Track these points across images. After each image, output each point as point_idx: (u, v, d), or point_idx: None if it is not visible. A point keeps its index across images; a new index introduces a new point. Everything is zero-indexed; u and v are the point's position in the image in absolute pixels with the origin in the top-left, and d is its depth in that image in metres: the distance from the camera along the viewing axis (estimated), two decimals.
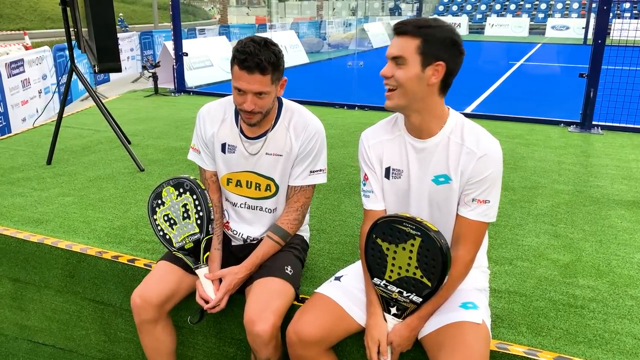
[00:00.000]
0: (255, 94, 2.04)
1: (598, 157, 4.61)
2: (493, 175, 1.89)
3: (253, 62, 1.97)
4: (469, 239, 1.95)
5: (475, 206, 1.92)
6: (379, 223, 1.95)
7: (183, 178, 2.23)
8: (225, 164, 2.32)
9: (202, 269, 2.20)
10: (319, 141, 2.27)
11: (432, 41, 1.79)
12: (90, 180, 3.94)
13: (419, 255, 1.88)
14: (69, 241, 2.93)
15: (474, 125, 1.95)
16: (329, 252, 2.84)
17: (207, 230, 2.18)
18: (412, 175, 2.00)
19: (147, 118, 6.08)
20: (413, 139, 1.98)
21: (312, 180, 2.30)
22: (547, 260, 2.75)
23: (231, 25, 19.86)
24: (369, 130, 2.13)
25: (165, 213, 2.26)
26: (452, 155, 1.92)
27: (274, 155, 2.26)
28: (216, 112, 2.32)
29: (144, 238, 2.99)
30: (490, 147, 1.89)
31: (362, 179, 2.14)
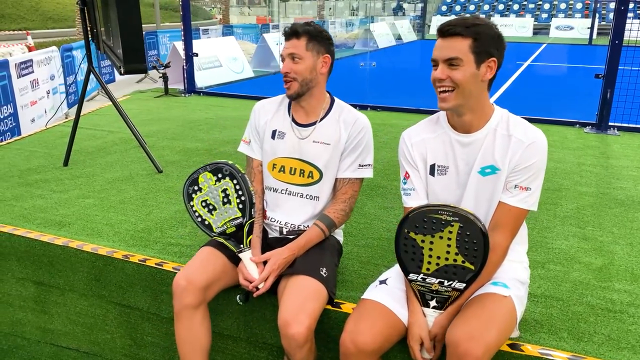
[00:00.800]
0: (289, 56, 2.26)
1: (617, 158, 4.58)
2: (538, 163, 1.92)
3: (290, 29, 2.27)
4: (508, 225, 1.95)
5: (517, 192, 1.93)
6: (410, 216, 1.91)
7: (221, 163, 2.23)
8: (273, 149, 2.40)
9: (245, 252, 2.21)
10: (367, 136, 2.36)
11: (483, 39, 1.81)
12: (109, 182, 3.91)
13: (458, 241, 1.85)
14: (95, 244, 2.90)
15: (518, 117, 1.98)
16: (358, 256, 2.81)
17: (250, 213, 2.21)
18: (460, 170, 2.01)
19: (159, 119, 6.05)
20: (459, 135, 1.99)
21: (360, 174, 2.37)
22: (580, 263, 2.72)
23: (234, 26, 19.81)
24: (410, 129, 2.15)
25: (204, 199, 2.26)
26: (499, 146, 1.94)
27: (322, 144, 2.34)
28: (270, 104, 2.47)
29: (170, 241, 2.95)
30: (538, 136, 1.93)
31: (402, 178, 2.14)
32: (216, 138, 5.21)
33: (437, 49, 1.85)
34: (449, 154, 2.01)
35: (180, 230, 3.10)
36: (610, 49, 5.29)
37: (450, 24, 1.82)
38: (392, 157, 4.55)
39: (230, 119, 6.08)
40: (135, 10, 2.79)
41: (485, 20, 1.88)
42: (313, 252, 2.29)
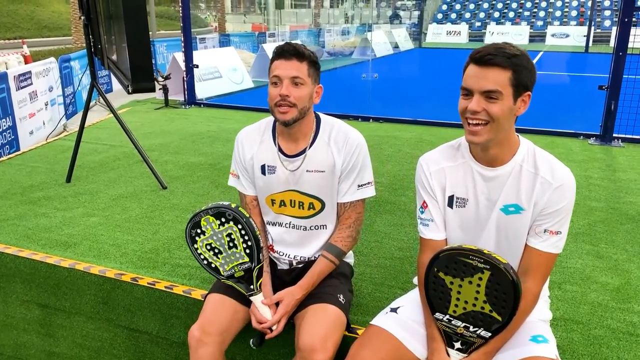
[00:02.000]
0: (291, 80, 2.06)
1: (624, 171, 4.56)
2: (568, 206, 1.84)
3: (291, 48, 2.07)
4: (539, 271, 1.88)
5: (547, 237, 1.86)
6: (441, 256, 1.85)
7: (224, 207, 2.08)
8: (267, 185, 2.27)
9: (256, 296, 2.12)
10: (362, 153, 2.22)
11: (522, 71, 1.72)
12: (113, 199, 3.85)
13: (487, 289, 1.79)
14: (102, 266, 2.84)
15: (545, 153, 1.89)
16: (371, 277, 2.76)
17: (259, 258, 2.10)
18: (480, 204, 1.93)
19: (161, 132, 6.00)
20: (482, 167, 1.90)
21: (361, 195, 2.25)
22: (596, 283, 2.68)
23: (231, 34, 19.80)
24: (428, 155, 2.05)
25: (208, 242, 2.14)
26: (524, 184, 1.85)
27: (315, 172, 2.21)
28: (253, 134, 2.30)
29: (179, 262, 2.90)
30: (566, 176, 1.83)
31: (419, 206, 2.07)
32: (220, 151, 5.16)
33: (472, 78, 1.73)
34: (470, 186, 1.93)
35: (188, 251, 3.02)
36: (614, 60, 5.28)
37: (490, 53, 1.71)
38: (398, 170, 4.52)
39: (233, 131, 6.01)
40: (144, 28, 2.75)
41: (521, 49, 1.77)
42: (328, 279, 2.23)
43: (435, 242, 2.02)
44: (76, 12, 19.22)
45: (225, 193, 3.99)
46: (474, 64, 1.76)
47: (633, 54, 5.38)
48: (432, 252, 1.98)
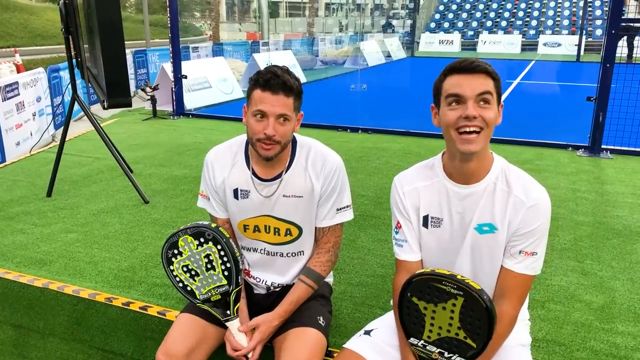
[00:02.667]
0: (277, 117, 1.94)
1: (612, 184, 4.53)
2: (542, 226, 1.78)
3: (279, 81, 1.92)
4: (515, 293, 1.83)
5: (522, 258, 1.81)
6: (414, 281, 1.80)
7: (204, 227, 2.02)
8: (240, 210, 2.17)
9: (233, 321, 2.04)
10: (340, 177, 2.15)
11: (499, 81, 1.74)
12: (93, 214, 3.78)
13: (461, 315, 1.74)
14: (76, 285, 2.77)
15: (519, 170, 1.85)
16: (351, 296, 2.70)
17: (237, 281, 2.02)
18: (455, 224, 1.88)
19: (147, 144, 5.94)
20: (456, 185, 1.85)
21: (340, 219, 2.18)
22: (581, 302, 2.64)
23: (224, 43, 19.76)
24: (402, 175, 2.00)
25: (184, 264, 2.07)
26: (498, 203, 1.80)
27: (293, 197, 2.12)
28: (225, 156, 2.19)
29: (155, 281, 2.83)
30: (540, 196, 1.78)
31: (393, 226, 2.02)
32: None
33: (462, 85, 1.69)
34: (444, 206, 1.88)
35: None
36: (602, 71, 5.26)
37: (473, 62, 1.71)
38: (385, 183, 4.47)
39: (220, 142, 5.95)
40: (119, 43, 2.70)
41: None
42: (307, 301, 2.17)
43: (409, 264, 1.97)
44: None
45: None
46: (458, 73, 1.73)
47: (621, 64, 5.36)
48: (407, 273, 1.93)
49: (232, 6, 51.92)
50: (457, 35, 23.05)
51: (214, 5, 29.87)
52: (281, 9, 45.05)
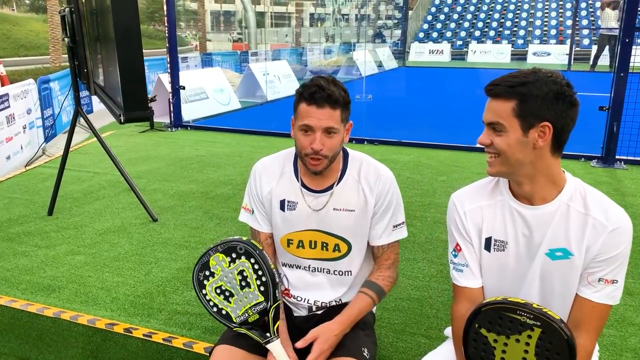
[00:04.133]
0: (324, 130, 1.85)
1: (633, 195, 4.41)
2: (624, 252, 1.62)
3: (324, 94, 1.83)
4: (592, 324, 1.67)
5: (602, 287, 1.64)
6: (483, 310, 1.63)
7: (234, 241, 1.87)
8: (285, 223, 2.04)
9: (274, 343, 1.85)
10: (395, 192, 2.04)
11: (530, 100, 1.53)
12: (100, 234, 3.57)
13: (538, 348, 1.57)
14: (91, 315, 2.56)
15: (597, 192, 1.69)
16: (389, 323, 2.52)
17: (275, 296, 1.85)
18: (521, 248, 1.72)
19: (147, 157, 5.72)
20: (522, 206, 1.69)
21: (396, 236, 2.06)
22: (634, 326, 2.49)
23: (213, 53, 19.58)
24: (461, 193, 1.84)
25: (218, 285, 1.89)
26: (573, 226, 1.64)
27: (344, 211, 1.99)
28: (272, 166, 2.08)
29: (176, 308, 2.63)
30: (623, 219, 1.62)
31: (451, 249, 1.85)
32: (211, 178, 4.90)
33: (485, 111, 1.62)
34: (509, 228, 1.72)
35: (185, 295, 2.77)
36: (616, 80, 5.18)
37: (495, 83, 1.58)
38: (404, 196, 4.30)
39: (224, 156, 5.78)
40: (138, 52, 2.52)
41: (543, 75, 1.56)
42: (352, 330, 1.99)
43: (470, 290, 1.80)
44: (55, 31, 18.84)
45: (221, 225, 3.74)
46: (485, 93, 1.63)
47: (634, 73, 5.27)
48: (468, 301, 1.78)
49: (217, 16, 51.84)
50: (446, 45, 23.10)
51: (200, 15, 29.68)
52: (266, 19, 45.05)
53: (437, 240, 3.48)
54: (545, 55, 20.43)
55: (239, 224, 3.71)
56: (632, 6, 5.02)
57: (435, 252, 3.31)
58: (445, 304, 2.69)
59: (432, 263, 3.16)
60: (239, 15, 45.87)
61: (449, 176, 4.87)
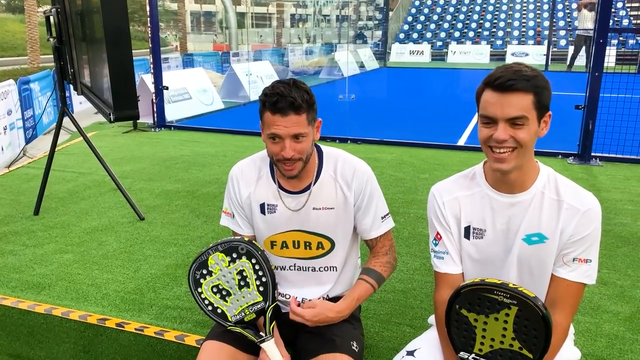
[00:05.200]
0: (292, 137, 1.86)
1: (608, 191, 4.56)
2: (595, 232, 1.73)
3: (286, 102, 1.82)
4: (568, 302, 1.77)
5: (577, 266, 1.75)
6: (462, 292, 1.71)
7: (236, 242, 1.91)
8: (267, 225, 2.07)
9: (269, 341, 1.90)
10: (373, 185, 2.08)
11: (542, 92, 1.63)
12: (87, 233, 3.59)
13: (515, 325, 1.66)
14: (82, 310, 2.60)
15: (566, 179, 1.80)
16: (375, 314, 2.61)
17: (273, 296, 1.91)
18: (498, 235, 1.81)
19: (132, 157, 5.73)
20: (501, 195, 1.79)
21: (386, 227, 2.11)
22: (608, 313, 2.60)
23: (195, 54, 19.51)
24: (440, 185, 1.93)
25: (215, 284, 1.93)
26: (547, 212, 1.74)
27: (324, 210, 2.03)
28: (249, 170, 2.10)
29: (166, 303, 2.68)
30: (592, 201, 1.73)
31: (432, 238, 1.94)
32: (197, 177, 4.94)
33: (494, 106, 1.63)
34: (487, 216, 1.81)
35: (175, 290, 2.82)
36: (591, 80, 5.34)
37: (510, 78, 1.60)
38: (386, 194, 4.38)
39: (209, 155, 5.82)
40: (127, 53, 2.56)
41: (536, 69, 1.68)
42: (340, 325, 2.05)
43: (451, 277, 1.89)
44: (32, 31, 18.61)
45: (208, 223, 3.79)
46: (493, 90, 1.65)
47: (607, 73, 5.45)
48: (449, 287, 1.86)
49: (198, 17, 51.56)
50: (427, 45, 23.33)
51: (180, 16, 29.52)
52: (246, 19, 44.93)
53: (419, 235, 3.58)
54: (523, 55, 20.76)
55: None
56: (606, 8, 5.19)
57: (419, 247, 3.41)
58: (429, 295, 2.79)
59: (415, 257, 3.25)
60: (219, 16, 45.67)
61: (430, 174, 4.98)
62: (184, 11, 31.16)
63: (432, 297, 2.58)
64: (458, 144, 6.56)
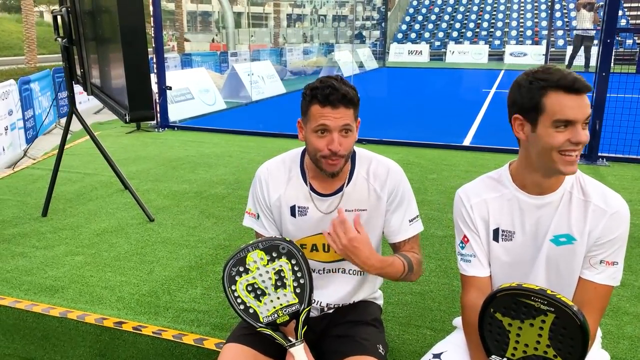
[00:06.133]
0: (341, 130, 1.84)
1: (617, 191, 4.53)
2: (623, 234, 1.72)
3: (338, 95, 1.81)
4: (596, 305, 1.76)
5: (604, 268, 1.74)
6: (499, 296, 1.70)
7: (278, 240, 1.85)
8: (297, 228, 2.03)
9: (298, 346, 1.85)
10: (406, 185, 2.04)
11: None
12: (97, 235, 3.56)
13: (551, 332, 1.64)
14: (98, 314, 2.56)
15: (594, 180, 1.79)
16: (395, 317, 2.59)
17: (310, 299, 1.86)
18: (527, 236, 1.80)
19: (137, 158, 5.69)
20: (529, 196, 1.78)
21: (414, 231, 2.05)
22: (628, 315, 2.59)
23: (193, 54, 19.47)
24: (467, 187, 1.91)
25: (250, 282, 1.86)
26: (575, 213, 1.73)
27: (356, 211, 1.99)
28: (279, 171, 2.06)
29: (183, 306, 2.65)
30: (620, 203, 1.72)
31: (458, 241, 1.92)
32: (204, 178, 4.90)
33: (573, 109, 1.59)
34: (516, 218, 1.80)
35: (190, 292, 2.79)
36: (598, 80, 5.33)
37: (579, 79, 1.60)
38: None
39: (214, 156, 5.78)
40: (143, 52, 2.53)
41: None
42: (365, 326, 2.04)
43: (478, 279, 1.87)
44: (30, 31, 18.54)
45: (218, 224, 3.75)
46: (568, 92, 1.61)
47: (614, 73, 5.44)
48: (477, 290, 1.85)
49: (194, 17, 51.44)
50: (425, 45, 23.35)
51: (178, 15, 29.45)
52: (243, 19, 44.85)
53: (432, 237, 3.56)
54: (522, 55, 20.80)
55: (236, 222, 3.76)
56: (614, 7, 5.18)
57: (432, 248, 3.38)
58: (447, 297, 2.77)
59: (430, 258, 3.23)
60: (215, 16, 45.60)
61: (439, 174, 4.97)
62: (182, 11, 31.07)
63: (451, 300, 2.57)
64: (464, 144, 6.55)
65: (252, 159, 5.63)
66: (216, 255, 3.25)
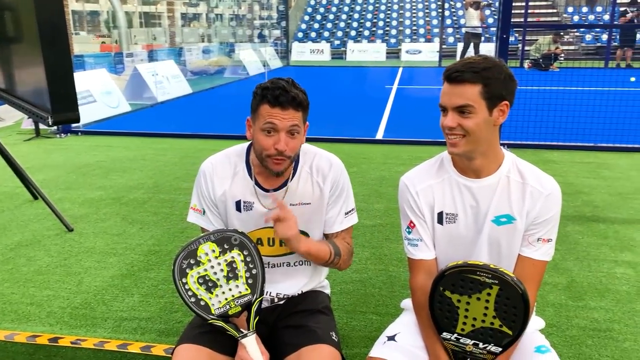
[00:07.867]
0: (288, 132, 1.86)
1: None
2: (556, 214, 1.88)
3: (288, 96, 1.84)
4: (534, 279, 1.91)
5: (540, 246, 1.89)
6: (447, 274, 1.81)
7: (229, 232, 1.87)
8: (243, 223, 2.04)
9: (250, 337, 1.86)
10: (345, 179, 2.10)
11: (493, 83, 1.73)
12: (11, 249, 3.30)
13: (496, 304, 1.78)
14: (28, 332, 2.39)
15: (528, 163, 1.94)
16: (340, 305, 2.65)
17: (262, 290, 1.88)
18: (469, 218, 1.92)
19: (42, 166, 5.32)
20: (468, 180, 1.89)
21: (348, 223, 2.12)
22: (549, 285, 2.83)
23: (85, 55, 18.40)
24: (410, 174, 2.01)
25: (202, 275, 1.85)
26: (514, 194, 1.87)
27: (300, 205, 2.03)
28: (223, 166, 2.05)
29: (122, 315, 2.54)
30: (554, 185, 1.88)
31: (405, 227, 2.01)
32: (120, 183, 4.69)
33: (445, 95, 1.76)
34: (458, 201, 1.91)
35: (127, 301, 2.68)
36: None
37: (457, 70, 1.72)
38: None
39: (126, 160, 5.54)
40: (65, 51, 2.40)
41: (494, 61, 1.79)
42: (317, 315, 2.08)
43: (426, 262, 1.97)
44: None
45: (144, 230, 3.62)
46: (446, 81, 1.77)
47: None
48: (425, 272, 1.94)
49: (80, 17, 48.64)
50: (326, 44, 23.74)
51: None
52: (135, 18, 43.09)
53: (363, 227, 3.66)
54: (417, 53, 21.76)
55: (163, 227, 3.65)
56: (508, 4, 5.58)
57: (364, 237, 3.49)
58: (385, 282, 2.87)
59: (364, 247, 3.33)
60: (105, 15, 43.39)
61: (358, 167, 5.11)
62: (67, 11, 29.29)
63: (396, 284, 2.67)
64: (377, 137, 6.76)
65: (168, 161, 5.46)
66: (148, 261, 3.14)
